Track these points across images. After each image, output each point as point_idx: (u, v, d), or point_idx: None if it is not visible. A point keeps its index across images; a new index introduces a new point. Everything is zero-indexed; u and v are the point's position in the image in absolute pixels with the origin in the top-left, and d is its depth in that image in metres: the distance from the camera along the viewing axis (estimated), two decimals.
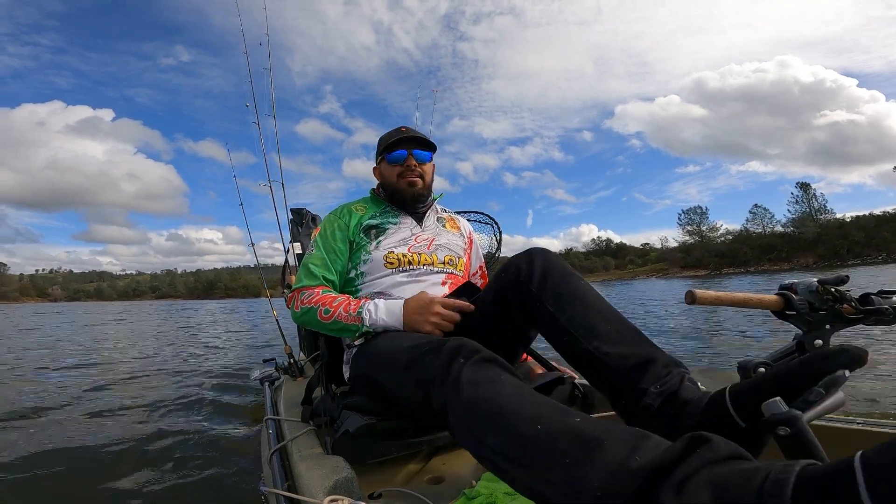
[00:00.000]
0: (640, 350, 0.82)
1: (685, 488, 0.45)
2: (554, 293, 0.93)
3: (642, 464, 0.48)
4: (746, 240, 68.43)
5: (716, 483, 0.44)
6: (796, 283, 0.76)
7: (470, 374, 0.72)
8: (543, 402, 0.65)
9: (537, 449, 0.58)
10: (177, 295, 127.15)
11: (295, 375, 2.13)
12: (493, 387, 0.69)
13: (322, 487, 0.83)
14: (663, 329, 6.29)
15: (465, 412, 0.69)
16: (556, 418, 0.60)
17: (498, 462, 0.63)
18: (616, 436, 0.54)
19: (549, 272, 0.95)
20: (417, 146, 1.31)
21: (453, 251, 1.36)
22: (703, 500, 0.43)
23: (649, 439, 0.53)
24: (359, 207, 1.35)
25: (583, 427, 0.57)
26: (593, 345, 0.84)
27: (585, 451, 0.53)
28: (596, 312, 0.89)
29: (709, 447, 0.48)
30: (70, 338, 9.04)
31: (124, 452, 2.12)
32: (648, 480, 0.47)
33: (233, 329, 10.70)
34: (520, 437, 0.60)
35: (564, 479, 0.54)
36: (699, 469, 0.46)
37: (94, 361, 5.45)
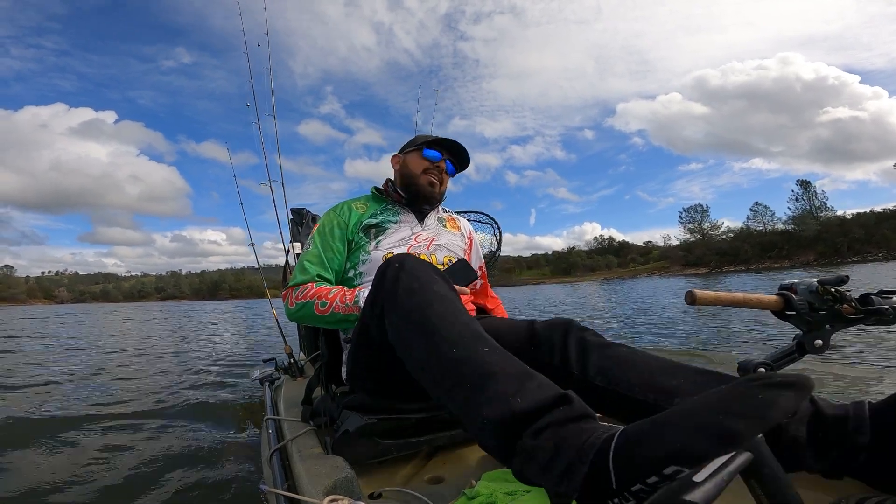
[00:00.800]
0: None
1: (541, 435, 0.55)
2: (599, 367, 0.85)
3: (520, 407, 0.58)
4: (747, 237, 68.36)
5: (560, 436, 0.54)
6: (796, 284, 0.75)
7: (407, 279, 0.81)
8: (463, 324, 0.74)
9: (448, 369, 0.68)
10: (182, 296, 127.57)
11: (295, 375, 2.13)
12: (425, 297, 0.79)
13: (322, 487, 0.83)
14: (662, 329, 6.27)
15: (399, 321, 0.79)
16: (469, 344, 0.70)
17: (418, 373, 0.75)
18: (508, 371, 0.64)
19: (588, 348, 0.88)
20: (451, 157, 1.37)
21: (453, 251, 1.35)
22: (548, 446, 0.54)
23: (533, 380, 0.63)
24: (359, 205, 1.35)
25: (486, 358, 0.67)
26: (675, 402, 0.74)
27: (483, 381, 0.63)
28: (657, 371, 0.80)
29: (569, 406, 0.58)
30: (77, 336, 9.07)
31: (123, 452, 2.11)
32: (519, 420, 0.58)
33: (234, 329, 10.71)
34: (437, 356, 0.70)
35: (462, 399, 0.65)
36: (555, 422, 0.56)
37: (95, 362, 5.46)
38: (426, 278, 0.83)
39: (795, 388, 0.43)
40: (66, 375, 4.42)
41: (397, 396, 1.05)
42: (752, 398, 0.43)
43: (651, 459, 0.46)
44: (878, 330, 3.79)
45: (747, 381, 0.46)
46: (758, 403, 0.43)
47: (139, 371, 4.61)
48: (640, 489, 0.46)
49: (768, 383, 0.44)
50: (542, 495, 0.80)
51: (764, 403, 0.43)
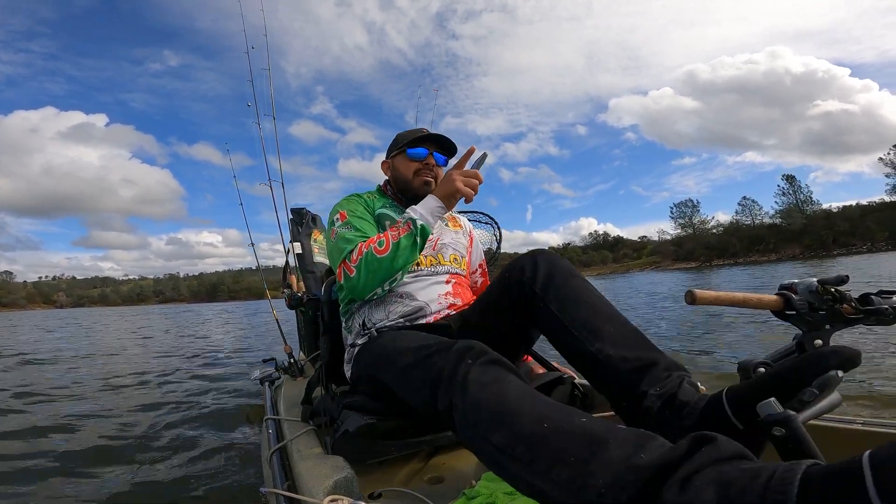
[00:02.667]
0: (641, 353, 0.81)
1: (689, 486, 0.44)
2: (557, 294, 0.91)
3: (647, 461, 0.48)
4: (736, 231, 68.72)
5: (720, 481, 0.43)
6: (796, 283, 0.74)
7: (477, 374, 0.71)
8: (548, 402, 0.64)
9: (542, 446, 0.57)
10: (181, 298, 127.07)
11: (295, 375, 2.12)
12: (499, 387, 0.68)
13: (322, 487, 0.82)
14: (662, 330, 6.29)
15: (471, 412, 0.68)
16: (561, 417, 0.59)
17: (501, 460, 0.62)
18: (621, 435, 0.53)
19: (554, 273, 0.94)
20: (438, 149, 1.31)
21: (457, 250, 1.34)
22: (707, 497, 0.43)
23: (654, 440, 0.52)
24: (369, 196, 1.33)
25: (588, 426, 0.56)
26: (596, 347, 0.83)
27: (591, 450, 0.53)
28: (599, 315, 0.87)
29: (714, 446, 0.47)
30: (77, 339, 9.00)
31: (124, 452, 2.10)
32: (653, 478, 0.46)
33: (233, 329, 10.68)
34: (525, 436, 0.59)
35: (568, 476, 0.53)
36: (703, 467, 0.45)
37: (95, 361, 5.42)
38: (498, 373, 0.72)
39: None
40: (70, 376, 4.38)
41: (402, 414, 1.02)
42: None
43: None
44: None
45: None
46: None
47: (139, 371, 4.58)
48: None
49: None
50: None
51: None
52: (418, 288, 1.18)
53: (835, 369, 0.58)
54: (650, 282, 21.66)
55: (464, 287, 1.28)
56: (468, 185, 1.09)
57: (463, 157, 1.16)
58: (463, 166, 1.14)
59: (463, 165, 1.15)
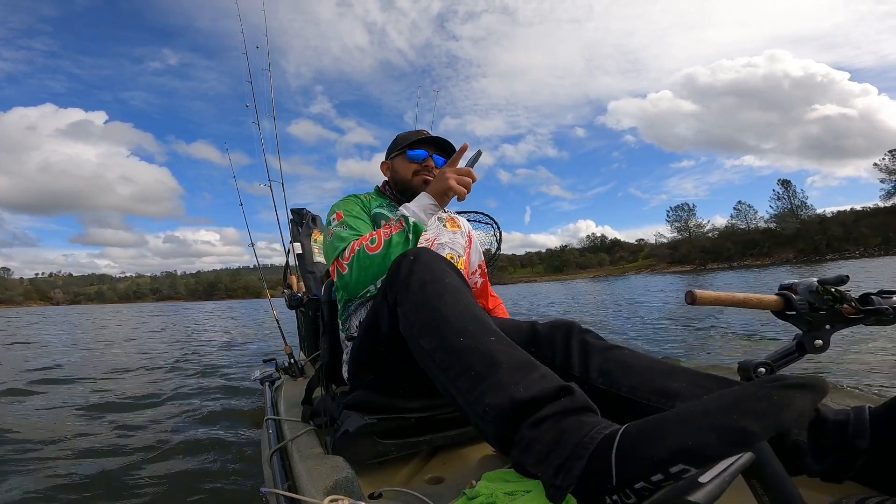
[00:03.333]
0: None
1: (541, 425, 0.55)
2: (600, 369, 0.82)
3: (522, 395, 0.58)
4: (731, 235, 69.01)
5: (560, 426, 0.54)
6: (796, 283, 0.74)
7: (420, 272, 0.81)
8: (472, 315, 0.74)
9: (455, 358, 0.68)
10: (178, 297, 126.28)
11: (295, 375, 2.10)
12: (436, 288, 0.78)
13: (322, 487, 0.81)
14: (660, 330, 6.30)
15: (410, 311, 0.79)
16: (476, 334, 0.69)
17: (427, 362, 0.74)
18: (513, 361, 0.64)
19: (589, 351, 0.86)
20: (437, 151, 1.31)
21: (455, 250, 1.34)
22: (547, 438, 0.53)
23: (536, 370, 0.63)
24: (366, 196, 1.33)
25: (493, 348, 0.67)
26: (676, 405, 0.71)
27: (487, 370, 0.64)
28: (658, 374, 0.77)
29: (570, 398, 0.58)
30: (72, 337, 8.94)
31: (124, 453, 2.08)
32: (520, 409, 0.57)
33: (233, 329, 10.62)
34: (446, 345, 0.70)
35: (467, 388, 0.65)
36: (556, 413, 0.55)
37: (96, 361, 5.38)
38: (439, 271, 0.83)
39: (810, 390, 0.42)
40: (66, 374, 4.34)
41: (399, 392, 1.03)
42: (766, 399, 0.42)
43: (657, 457, 0.44)
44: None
45: (761, 382, 0.45)
46: (773, 404, 0.41)
47: (140, 371, 4.54)
48: (644, 487, 0.45)
49: (783, 384, 0.43)
50: (543, 495, 0.79)
51: (779, 404, 0.41)
52: None
53: None
54: (642, 286, 21.70)
55: None
56: (461, 184, 1.07)
57: (456, 155, 1.14)
58: (456, 164, 1.13)
59: (456, 163, 1.13)
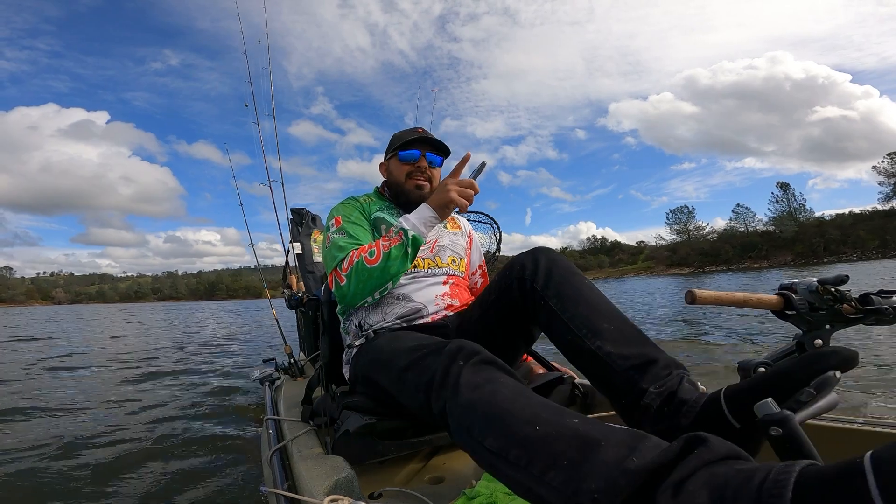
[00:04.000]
0: (641, 350, 0.80)
1: (683, 489, 0.44)
2: (558, 292, 0.90)
3: (640, 465, 0.47)
4: (729, 238, 69.09)
5: (714, 484, 0.43)
6: (796, 283, 0.74)
7: (469, 376, 0.71)
8: (542, 403, 0.63)
9: (535, 450, 0.57)
10: (179, 297, 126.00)
11: (295, 375, 2.10)
12: (491, 388, 0.68)
13: (322, 487, 0.81)
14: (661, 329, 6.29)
15: (464, 414, 0.68)
16: (554, 420, 0.58)
17: (496, 464, 0.61)
18: (614, 437, 0.53)
19: (554, 271, 0.93)
20: (431, 149, 1.28)
21: (456, 252, 1.33)
22: (701, 501, 0.42)
23: (647, 440, 0.51)
24: (365, 199, 1.31)
25: (581, 428, 0.56)
26: (595, 344, 0.82)
27: (583, 453, 0.52)
28: (599, 312, 0.86)
29: (706, 447, 0.47)
30: (75, 336, 8.92)
31: (123, 453, 2.07)
32: (646, 482, 0.46)
33: (233, 329, 10.60)
34: (518, 439, 0.59)
35: (562, 480, 0.52)
36: (697, 469, 0.45)
37: (97, 361, 5.37)
38: (490, 374, 0.72)
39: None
40: (67, 374, 4.33)
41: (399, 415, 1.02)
42: None
43: None
44: None
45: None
46: None
47: (140, 370, 4.53)
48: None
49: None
50: None
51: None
52: (415, 289, 1.17)
53: (833, 370, 0.58)
54: (642, 288, 21.70)
55: (462, 288, 1.27)
56: (462, 196, 1.06)
57: (458, 165, 1.11)
58: (458, 174, 1.10)
59: (458, 174, 1.11)
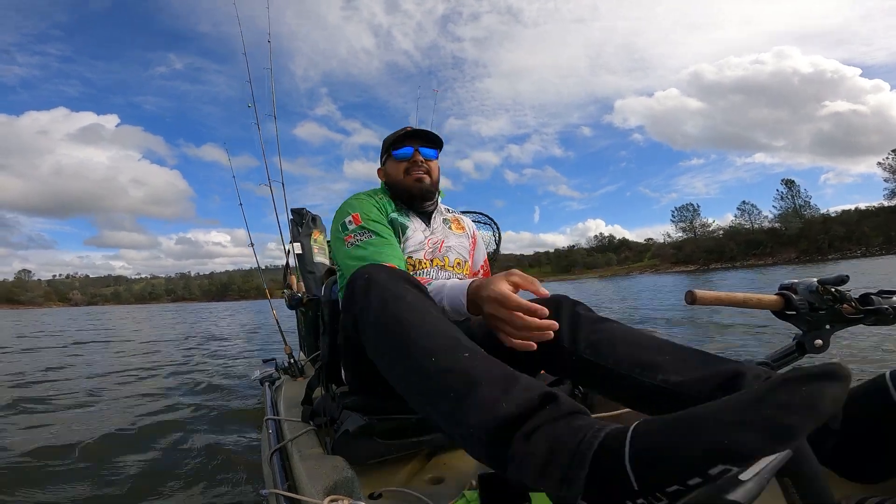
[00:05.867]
0: (717, 368, 0.70)
1: (531, 437, 0.52)
2: (589, 341, 0.82)
3: (506, 411, 0.56)
4: (735, 235, 68.59)
5: (553, 436, 0.51)
6: (796, 283, 0.73)
7: (377, 292, 0.78)
8: (441, 332, 0.70)
9: (430, 381, 0.65)
10: (192, 298, 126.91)
11: (295, 375, 2.09)
12: (398, 307, 0.75)
13: (322, 487, 0.81)
14: None
15: (374, 337, 0.76)
16: (448, 353, 0.66)
17: (402, 387, 0.72)
18: (492, 376, 0.61)
19: (579, 322, 0.85)
20: (423, 143, 1.26)
21: (461, 253, 1.32)
22: (540, 450, 0.51)
23: (517, 384, 0.59)
24: (379, 197, 1.28)
25: (468, 365, 0.64)
26: (659, 378, 0.73)
27: (466, 389, 0.60)
28: (644, 347, 0.78)
29: (556, 404, 0.55)
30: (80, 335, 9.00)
31: (122, 452, 2.07)
32: (508, 426, 0.55)
33: (235, 329, 10.66)
34: (417, 368, 0.67)
35: (448, 410, 0.62)
36: (545, 423, 0.53)
37: (98, 360, 5.41)
38: (397, 289, 0.78)
39: (836, 378, 0.40)
40: (67, 373, 4.37)
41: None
42: (797, 392, 0.40)
43: (693, 458, 0.42)
44: None
45: (784, 377, 0.42)
46: (806, 396, 0.39)
47: (141, 370, 4.56)
48: (678, 490, 0.42)
49: (808, 376, 0.41)
50: (542, 496, 0.78)
51: (812, 396, 0.39)
52: None
53: None
54: (646, 286, 21.59)
55: None
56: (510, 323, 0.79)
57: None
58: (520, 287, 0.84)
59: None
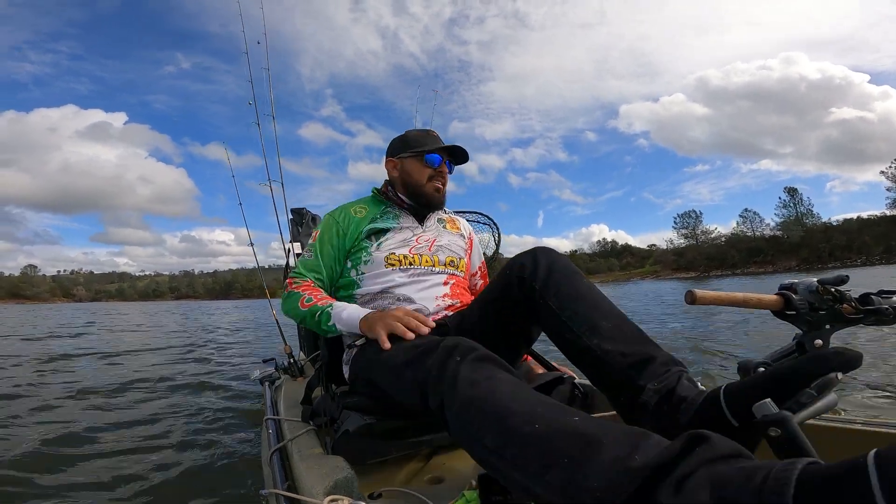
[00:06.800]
0: (639, 348, 0.80)
1: (684, 486, 0.43)
2: (557, 291, 0.90)
3: (642, 463, 0.46)
4: (736, 243, 68.60)
5: (715, 481, 0.42)
6: (796, 283, 0.73)
7: (467, 371, 0.70)
8: (541, 400, 0.62)
9: (535, 448, 0.55)
10: (196, 295, 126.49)
11: (295, 375, 2.09)
12: (490, 384, 0.66)
13: (322, 487, 0.81)
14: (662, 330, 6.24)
15: (462, 411, 0.67)
16: (554, 417, 0.57)
17: (495, 462, 0.60)
18: (615, 435, 0.51)
19: (554, 270, 0.93)
20: (451, 158, 1.32)
21: (454, 252, 1.32)
22: (702, 498, 0.42)
23: (649, 438, 0.50)
24: (358, 209, 1.31)
25: (582, 426, 0.54)
26: (594, 342, 0.82)
27: (584, 451, 0.51)
28: (597, 311, 0.86)
29: (708, 445, 0.46)
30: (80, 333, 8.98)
31: (121, 452, 2.06)
32: (648, 480, 0.45)
33: (237, 329, 10.63)
34: (517, 437, 0.57)
35: (562, 479, 0.51)
36: (698, 467, 0.44)
37: (99, 359, 5.39)
38: (488, 371, 0.71)
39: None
40: (69, 372, 4.36)
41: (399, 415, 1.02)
42: None
43: None
44: None
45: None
46: None
47: (140, 370, 4.54)
48: None
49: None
50: None
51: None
52: (416, 290, 1.17)
53: (835, 371, 0.57)
54: (643, 291, 21.56)
55: (462, 289, 1.27)
56: (407, 325, 0.97)
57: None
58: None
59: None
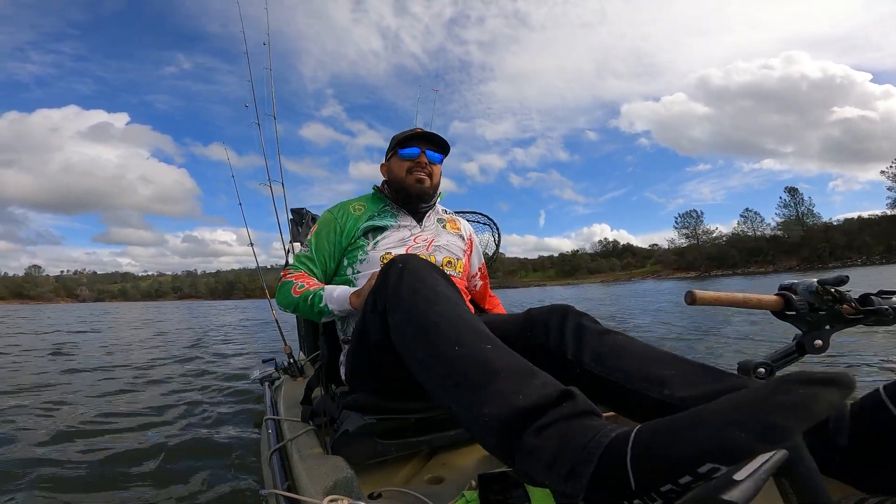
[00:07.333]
0: (722, 384, 0.69)
1: (544, 432, 0.53)
2: (594, 353, 0.82)
3: (523, 404, 0.56)
4: (737, 243, 68.58)
5: (564, 433, 0.52)
6: (796, 284, 0.73)
7: (409, 280, 0.79)
8: (467, 323, 0.72)
9: (450, 368, 0.66)
10: (198, 295, 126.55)
11: (295, 375, 2.09)
12: (427, 296, 0.76)
13: (322, 487, 0.80)
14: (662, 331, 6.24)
15: (402, 321, 0.77)
16: (471, 342, 0.67)
17: (421, 373, 0.71)
18: (511, 368, 0.62)
19: (584, 333, 0.85)
20: (430, 146, 1.30)
21: (452, 252, 1.32)
22: (550, 445, 0.51)
23: (535, 378, 0.60)
24: (357, 207, 1.31)
25: (489, 356, 0.65)
26: (664, 393, 0.71)
27: (485, 379, 0.61)
28: (650, 361, 0.77)
29: (572, 402, 0.55)
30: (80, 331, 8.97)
31: (120, 452, 2.05)
32: (522, 418, 0.55)
33: (237, 328, 10.62)
34: (439, 354, 0.68)
35: (465, 398, 0.62)
36: (559, 419, 0.53)
37: (97, 358, 5.39)
38: (430, 279, 0.81)
39: (837, 385, 0.40)
40: (69, 372, 4.35)
41: (397, 394, 1.02)
42: (793, 394, 0.40)
43: (683, 458, 0.42)
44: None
45: (783, 379, 0.43)
46: (801, 398, 0.40)
47: (140, 369, 4.54)
48: (670, 489, 0.43)
49: (808, 380, 0.41)
50: (541, 495, 0.78)
51: (807, 399, 0.40)
52: None
53: None
54: (643, 291, 21.54)
55: (460, 290, 1.28)
56: None
57: None
58: None
59: None
